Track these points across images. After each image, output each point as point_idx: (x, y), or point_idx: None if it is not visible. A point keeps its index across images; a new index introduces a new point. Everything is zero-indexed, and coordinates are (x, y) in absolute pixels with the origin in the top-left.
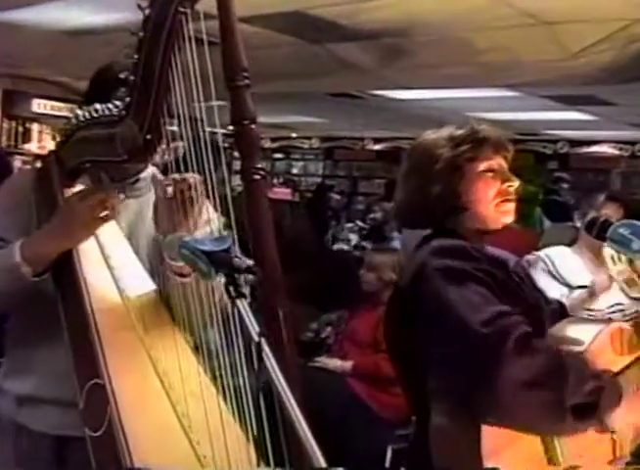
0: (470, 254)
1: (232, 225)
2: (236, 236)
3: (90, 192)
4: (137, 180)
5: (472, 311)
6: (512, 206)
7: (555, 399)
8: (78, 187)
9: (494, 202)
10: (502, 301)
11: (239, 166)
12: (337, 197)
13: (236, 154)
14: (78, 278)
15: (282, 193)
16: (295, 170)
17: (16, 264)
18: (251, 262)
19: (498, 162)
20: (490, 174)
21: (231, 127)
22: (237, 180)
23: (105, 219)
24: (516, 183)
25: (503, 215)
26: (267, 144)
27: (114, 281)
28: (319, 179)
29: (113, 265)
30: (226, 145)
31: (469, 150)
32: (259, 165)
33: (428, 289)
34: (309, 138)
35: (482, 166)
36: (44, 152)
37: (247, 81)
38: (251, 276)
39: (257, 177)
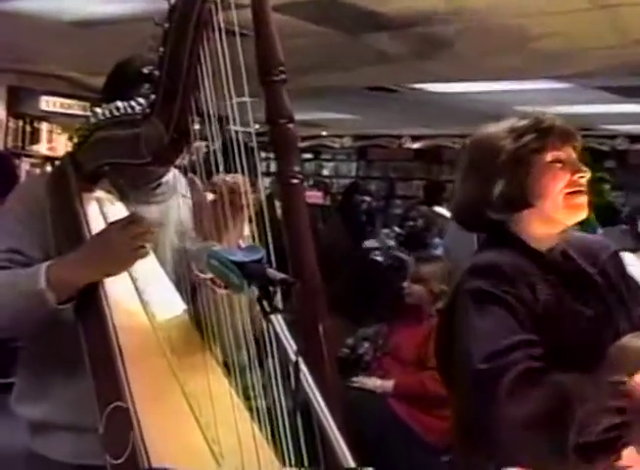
0: (504, 274)
1: (265, 233)
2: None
3: (131, 221)
4: (159, 184)
5: (480, 343)
6: (584, 199)
7: (552, 440)
8: (98, 192)
9: (563, 193)
10: (535, 322)
11: (266, 168)
12: (371, 200)
13: (267, 154)
14: (102, 298)
15: (312, 196)
16: (325, 172)
17: (40, 291)
18: (284, 275)
19: (567, 152)
20: (558, 165)
21: (257, 125)
22: (265, 183)
23: (143, 254)
24: (587, 174)
25: (574, 210)
26: None
27: (138, 297)
28: (351, 180)
29: (137, 278)
30: (251, 145)
31: (533, 140)
32: (297, 168)
33: (458, 310)
34: (341, 136)
35: (549, 157)
36: (55, 153)
37: (283, 76)
38: (286, 288)
39: (295, 181)
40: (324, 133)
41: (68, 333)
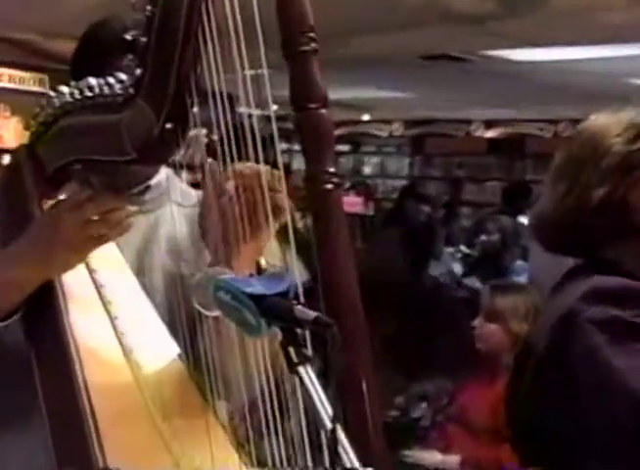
0: None
1: (291, 255)
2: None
3: (85, 198)
4: (147, 188)
5: (635, 387)
6: None
7: None
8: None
9: None
10: None
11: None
12: (431, 209)
13: (290, 146)
14: (64, 331)
15: (350, 203)
16: (367, 170)
17: None
18: (316, 313)
19: None
20: None
21: (275, 107)
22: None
23: (102, 239)
24: None
25: None
26: None
27: (118, 342)
28: (403, 182)
29: (115, 314)
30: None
31: None
32: (332, 168)
33: (578, 349)
34: (389, 122)
35: None
36: (3, 145)
37: (313, 45)
38: (319, 331)
39: (330, 186)
40: (365, 118)
41: (19, 372)
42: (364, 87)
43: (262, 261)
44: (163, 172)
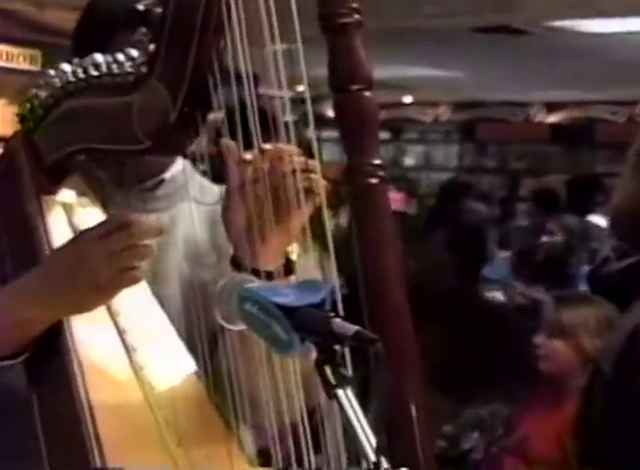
0: None
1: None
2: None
3: (117, 227)
4: (160, 183)
5: None
6: None
7: None
8: (66, 194)
9: None
10: None
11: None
12: (482, 207)
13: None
14: (71, 361)
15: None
16: (409, 160)
17: None
18: (357, 328)
19: None
20: None
21: (301, 88)
22: None
23: (135, 280)
24: None
25: None
26: None
27: (128, 359)
28: (451, 176)
29: (124, 327)
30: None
31: None
32: (377, 160)
33: None
34: (435, 105)
35: None
36: None
37: (357, 17)
38: (361, 348)
39: (374, 180)
40: (407, 100)
41: (15, 409)
42: (405, 64)
43: (293, 252)
44: (180, 164)
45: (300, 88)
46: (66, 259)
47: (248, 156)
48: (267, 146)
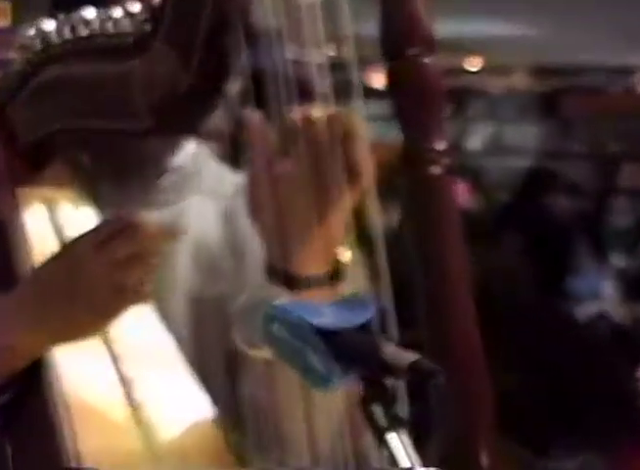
0: None
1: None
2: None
3: (120, 230)
4: (166, 170)
5: None
6: None
7: None
8: (47, 186)
9: None
10: None
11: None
12: (568, 202)
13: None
14: (51, 393)
15: None
16: (474, 143)
17: None
18: (415, 356)
19: None
20: None
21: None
22: None
23: (142, 297)
24: None
25: None
26: None
27: (123, 393)
28: (529, 162)
29: (118, 353)
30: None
31: None
32: (441, 146)
33: None
34: (508, 71)
35: None
36: None
37: None
38: (419, 382)
39: (438, 170)
40: (473, 65)
41: None
42: (470, 20)
43: (343, 254)
44: (191, 148)
45: (340, 50)
46: (57, 273)
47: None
48: (300, 111)
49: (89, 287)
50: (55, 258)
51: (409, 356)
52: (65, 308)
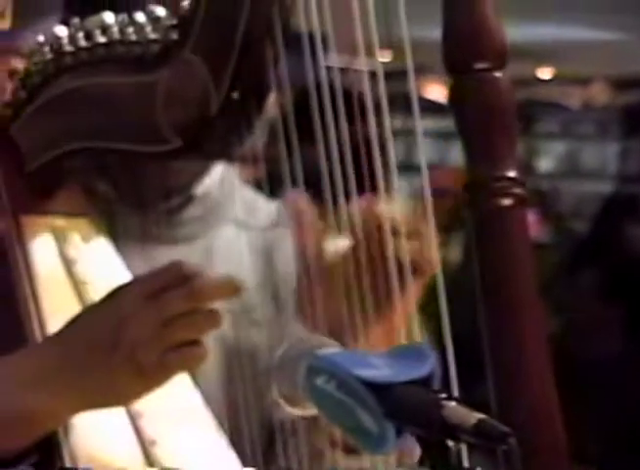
0: None
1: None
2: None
3: (172, 277)
4: (189, 200)
5: None
6: None
7: None
8: (54, 213)
9: None
10: None
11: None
12: None
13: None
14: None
15: None
16: (546, 165)
17: None
18: (480, 416)
19: None
20: None
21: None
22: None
23: (198, 358)
24: None
25: None
26: None
27: (140, 448)
28: (610, 186)
29: (139, 410)
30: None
31: None
32: (513, 172)
33: None
34: (587, 81)
35: None
36: None
37: None
38: (488, 445)
39: (509, 202)
40: (544, 74)
41: None
42: (542, 21)
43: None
44: (216, 172)
45: (391, 58)
46: (93, 327)
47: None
48: (359, 205)
49: (132, 346)
50: (91, 309)
51: (475, 416)
52: (101, 370)
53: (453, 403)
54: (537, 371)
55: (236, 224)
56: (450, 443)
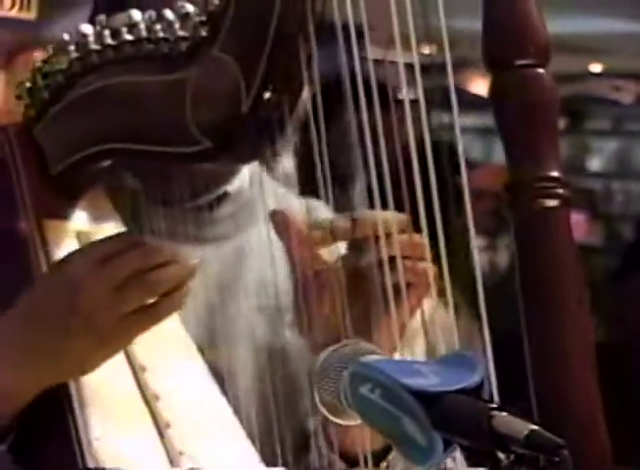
0: None
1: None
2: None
3: (122, 243)
4: (222, 197)
5: None
6: None
7: None
8: (79, 217)
9: None
10: None
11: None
12: None
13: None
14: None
15: None
16: (595, 164)
17: None
18: (532, 427)
19: None
20: None
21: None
22: None
23: (149, 318)
24: None
25: None
26: None
27: (167, 459)
28: None
29: (167, 420)
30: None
31: None
32: (556, 171)
33: None
34: (636, 75)
35: None
36: None
37: None
38: (541, 457)
39: (553, 203)
40: (594, 68)
41: None
42: (590, 14)
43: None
44: (247, 172)
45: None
46: (49, 297)
47: (319, 233)
48: (353, 216)
49: (87, 311)
50: (45, 279)
51: (527, 427)
52: (60, 338)
53: (504, 413)
54: (581, 379)
55: (268, 223)
56: (501, 454)
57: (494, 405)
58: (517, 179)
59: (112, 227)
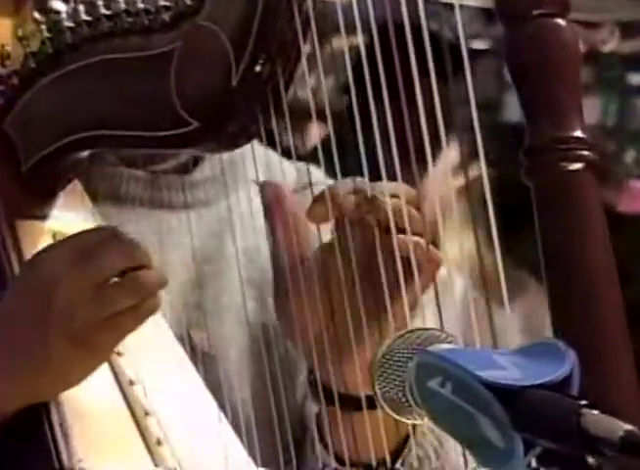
0: None
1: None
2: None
3: (97, 238)
4: (200, 157)
5: None
6: None
7: None
8: (56, 216)
9: None
10: None
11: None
12: None
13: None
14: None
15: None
16: None
17: None
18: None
19: None
20: None
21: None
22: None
23: (133, 323)
24: None
25: None
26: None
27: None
28: None
29: (154, 434)
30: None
31: None
32: (579, 132)
33: None
34: None
35: None
36: None
37: None
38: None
39: (576, 166)
40: None
41: None
42: None
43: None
44: None
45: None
46: (23, 297)
47: (316, 207)
48: (352, 187)
49: (66, 312)
50: (17, 281)
51: (622, 427)
52: (35, 343)
53: (595, 412)
54: (613, 361)
55: (254, 186)
56: (591, 459)
57: (584, 402)
58: (536, 141)
59: (89, 226)
